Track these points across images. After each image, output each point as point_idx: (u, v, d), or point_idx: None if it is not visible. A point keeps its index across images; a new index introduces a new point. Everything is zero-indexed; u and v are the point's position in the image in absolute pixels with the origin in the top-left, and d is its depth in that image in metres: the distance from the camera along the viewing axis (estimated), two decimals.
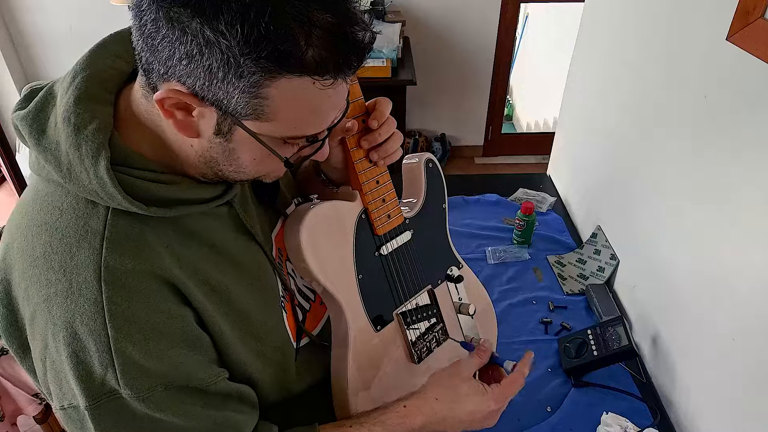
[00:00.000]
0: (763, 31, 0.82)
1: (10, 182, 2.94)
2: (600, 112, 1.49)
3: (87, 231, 0.59)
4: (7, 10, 2.97)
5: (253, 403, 0.73)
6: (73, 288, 0.58)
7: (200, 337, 0.65)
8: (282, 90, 0.53)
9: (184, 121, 0.57)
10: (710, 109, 0.96)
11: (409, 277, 0.87)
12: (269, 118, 0.56)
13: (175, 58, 0.52)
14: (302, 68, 0.52)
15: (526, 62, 3.90)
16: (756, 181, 0.85)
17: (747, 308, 0.88)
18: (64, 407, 0.62)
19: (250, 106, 0.54)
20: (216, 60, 0.50)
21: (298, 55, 0.51)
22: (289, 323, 0.77)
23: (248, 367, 0.71)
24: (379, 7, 2.80)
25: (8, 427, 1.00)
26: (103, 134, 0.58)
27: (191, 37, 0.50)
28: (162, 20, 0.50)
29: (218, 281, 0.66)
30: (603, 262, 1.37)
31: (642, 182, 1.23)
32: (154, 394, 0.60)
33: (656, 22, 1.17)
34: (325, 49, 0.52)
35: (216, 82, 0.52)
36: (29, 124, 0.60)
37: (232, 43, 0.49)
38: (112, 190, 0.56)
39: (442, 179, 0.91)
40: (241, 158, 0.61)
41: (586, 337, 1.13)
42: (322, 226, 0.75)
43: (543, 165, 1.96)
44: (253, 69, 0.51)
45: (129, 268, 0.58)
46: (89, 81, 0.61)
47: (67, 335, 0.58)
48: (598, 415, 1.01)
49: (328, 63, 0.53)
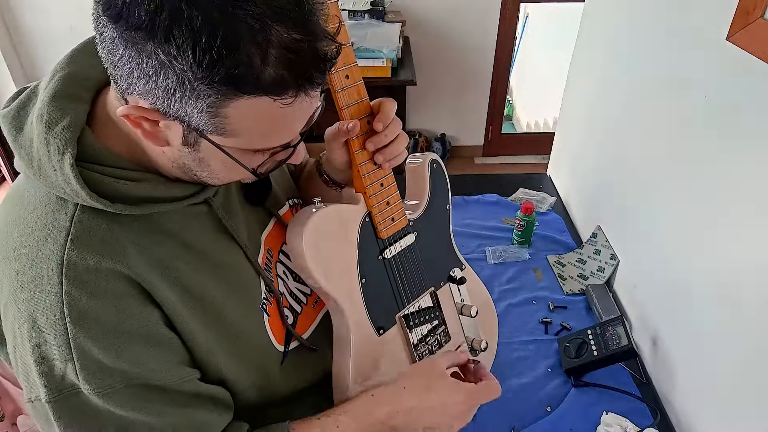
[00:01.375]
0: (763, 31, 0.82)
1: (10, 182, 2.94)
2: (600, 112, 1.49)
3: (54, 227, 0.59)
4: (7, 10, 2.97)
5: (226, 404, 0.72)
6: (37, 282, 0.58)
7: (166, 337, 0.64)
8: (241, 110, 0.52)
9: (151, 132, 0.57)
10: (710, 109, 0.96)
11: (412, 280, 0.86)
12: (232, 134, 0.55)
13: (134, 77, 0.51)
14: (259, 89, 0.51)
15: (526, 62, 3.89)
16: (756, 181, 0.85)
17: (747, 308, 0.88)
18: (31, 400, 0.62)
19: (211, 123, 0.54)
20: (171, 81, 0.50)
21: (253, 76, 0.50)
22: (273, 327, 0.76)
23: (223, 368, 0.70)
24: (379, 7, 2.80)
25: (8, 427, 1.00)
26: (72, 131, 0.58)
27: (146, 59, 0.49)
28: (118, 40, 0.50)
29: (192, 281, 0.66)
30: (603, 262, 1.37)
31: (642, 182, 1.23)
32: (114, 390, 0.60)
33: (656, 22, 1.17)
34: (284, 68, 0.51)
35: (175, 101, 0.52)
36: (9, 122, 0.61)
37: (185, 67, 0.48)
38: (76, 186, 0.57)
39: (446, 180, 0.90)
40: (212, 166, 0.61)
41: (586, 337, 1.13)
42: (326, 230, 0.74)
43: (543, 165, 1.96)
44: (208, 92, 0.50)
45: (91, 264, 0.58)
46: (66, 79, 0.61)
47: (30, 328, 0.59)
48: (598, 415, 1.01)
49: (288, 81, 0.51)
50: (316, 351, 0.82)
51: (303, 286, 0.85)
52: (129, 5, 0.48)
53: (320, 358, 0.83)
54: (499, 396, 0.81)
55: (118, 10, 0.48)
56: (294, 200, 0.88)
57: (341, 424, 0.73)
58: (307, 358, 0.81)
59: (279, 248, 0.82)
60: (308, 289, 0.86)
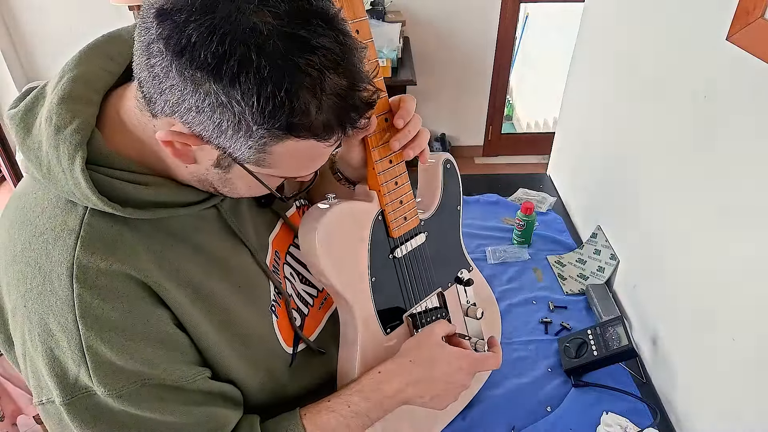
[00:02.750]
0: (763, 31, 0.82)
1: (10, 182, 2.94)
2: (600, 112, 1.49)
3: (63, 229, 0.59)
4: (8, 10, 2.97)
5: (237, 401, 0.72)
6: (47, 285, 0.58)
7: (176, 338, 0.65)
8: (287, 148, 0.55)
9: (182, 151, 0.57)
10: (710, 109, 0.96)
11: (421, 279, 0.86)
12: (270, 167, 0.57)
13: (183, 107, 0.52)
14: (310, 133, 0.53)
15: (526, 62, 3.90)
16: (756, 181, 0.85)
17: (747, 308, 0.88)
18: (42, 402, 0.63)
19: (254, 157, 0.55)
20: (227, 120, 0.51)
21: (308, 124, 0.52)
22: (282, 328, 0.76)
23: (233, 369, 0.70)
24: (379, 7, 2.80)
25: (8, 427, 1.00)
26: (82, 134, 0.58)
27: (203, 96, 0.50)
28: (174, 71, 0.50)
29: (202, 283, 0.66)
30: (603, 262, 1.37)
31: (642, 182, 1.23)
32: (129, 391, 0.60)
33: (656, 22, 1.17)
34: (333, 115, 0.53)
35: (225, 137, 0.53)
36: (17, 123, 0.61)
37: (246, 111, 0.49)
38: (86, 190, 0.57)
39: (458, 181, 0.90)
40: (236, 185, 0.62)
41: (586, 337, 1.13)
42: (339, 226, 0.74)
43: (543, 165, 1.96)
44: (263, 134, 0.52)
45: (101, 267, 0.59)
46: (75, 81, 0.61)
47: (42, 332, 0.59)
48: (598, 415, 1.01)
49: (334, 126, 0.54)
50: (325, 353, 0.82)
51: (309, 288, 0.85)
52: (194, 45, 0.48)
53: (327, 360, 0.83)
54: (498, 368, 0.86)
55: (182, 46, 0.48)
56: (301, 201, 0.88)
57: (352, 404, 0.74)
58: (314, 360, 0.82)
59: (286, 250, 0.82)
60: (314, 291, 0.86)
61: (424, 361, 0.78)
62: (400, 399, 0.76)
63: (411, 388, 0.77)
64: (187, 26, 0.48)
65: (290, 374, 0.78)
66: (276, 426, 0.72)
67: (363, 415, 0.74)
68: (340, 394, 0.75)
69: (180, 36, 0.48)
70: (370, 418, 0.75)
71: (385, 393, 0.75)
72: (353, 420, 0.73)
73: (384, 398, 0.75)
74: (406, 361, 0.78)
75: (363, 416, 0.74)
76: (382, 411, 0.76)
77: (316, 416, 0.73)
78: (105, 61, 0.64)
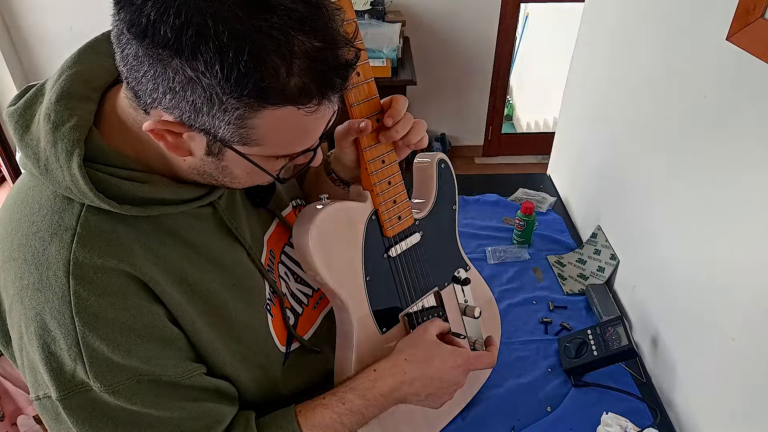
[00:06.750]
0: (763, 31, 0.82)
1: (10, 182, 2.94)
2: (600, 112, 1.49)
3: (60, 226, 0.59)
4: (8, 11, 2.97)
5: (233, 397, 0.72)
6: (43, 281, 0.59)
7: (172, 334, 0.65)
8: (267, 120, 0.53)
9: (174, 143, 0.57)
10: (710, 109, 0.96)
11: (416, 279, 0.86)
12: (258, 143, 0.56)
13: (159, 92, 0.52)
14: (285, 100, 0.52)
15: (526, 62, 3.90)
16: (756, 180, 0.85)
17: (747, 308, 0.88)
18: (39, 398, 0.63)
19: (237, 134, 0.54)
20: (199, 96, 0.50)
21: (279, 88, 0.50)
22: (276, 327, 0.77)
23: (227, 366, 0.71)
24: (379, 7, 2.80)
25: (8, 427, 1.00)
26: (80, 131, 0.58)
27: (173, 74, 0.50)
28: (143, 57, 0.50)
29: (197, 281, 0.66)
30: (603, 262, 1.37)
31: (642, 182, 1.23)
32: (125, 387, 0.61)
33: (656, 22, 1.17)
34: (307, 77, 0.51)
35: (201, 115, 0.52)
36: (16, 120, 0.61)
37: (213, 82, 0.49)
38: (84, 187, 0.57)
39: (453, 180, 0.90)
40: (234, 173, 0.62)
41: (586, 337, 1.13)
42: (332, 227, 0.74)
43: (543, 165, 1.96)
44: (236, 105, 0.51)
45: (98, 264, 0.59)
46: (73, 79, 0.61)
47: (38, 327, 0.59)
48: (598, 415, 1.01)
49: (311, 90, 0.52)
50: (319, 353, 0.82)
51: (304, 287, 0.85)
52: (154, 23, 0.48)
53: (322, 360, 0.83)
54: (493, 366, 0.86)
55: (143, 28, 0.48)
56: (297, 201, 0.88)
57: (347, 401, 0.74)
58: (308, 359, 0.82)
59: (281, 249, 0.82)
60: (309, 291, 0.86)
61: (419, 360, 0.78)
62: (395, 397, 0.77)
63: (406, 386, 0.77)
64: (144, 6, 0.48)
65: (284, 372, 0.78)
66: (271, 422, 0.73)
67: (358, 412, 0.74)
68: (336, 391, 0.76)
69: (140, 17, 0.48)
70: (365, 416, 0.75)
71: (379, 391, 0.76)
72: (348, 417, 0.74)
73: (379, 396, 0.75)
74: (401, 359, 0.78)
75: (357, 414, 0.74)
76: (376, 409, 0.76)
77: (311, 413, 0.73)
78: (103, 58, 0.64)
